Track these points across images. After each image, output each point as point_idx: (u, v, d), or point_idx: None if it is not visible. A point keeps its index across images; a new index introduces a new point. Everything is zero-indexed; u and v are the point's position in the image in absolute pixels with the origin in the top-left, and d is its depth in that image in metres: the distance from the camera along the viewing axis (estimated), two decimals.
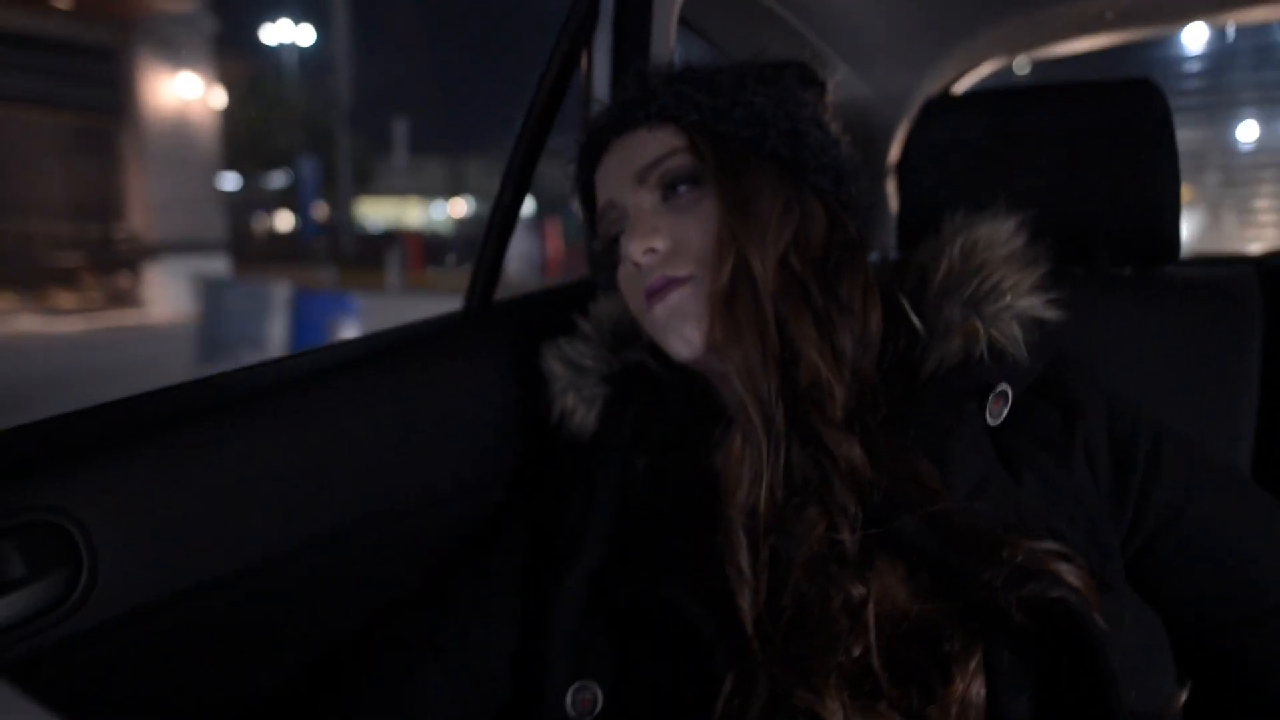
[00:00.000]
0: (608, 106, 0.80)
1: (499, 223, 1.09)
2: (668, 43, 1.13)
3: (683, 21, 1.19)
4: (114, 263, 11.35)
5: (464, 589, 0.80)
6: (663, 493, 0.74)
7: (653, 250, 0.73)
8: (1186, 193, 0.99)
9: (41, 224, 10.34)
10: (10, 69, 9.24)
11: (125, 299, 11.38)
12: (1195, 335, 0.98)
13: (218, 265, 11.88)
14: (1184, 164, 1.01)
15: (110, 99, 10.25)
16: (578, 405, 0.84)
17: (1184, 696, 0.65)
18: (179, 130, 11.25)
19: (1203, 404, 0.95)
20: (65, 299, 10.65)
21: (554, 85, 1.09)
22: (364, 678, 0.76)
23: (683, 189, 0.74)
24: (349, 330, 7.19)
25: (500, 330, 1.05)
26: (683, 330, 0.72)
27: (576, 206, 0.88)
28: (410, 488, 0.89)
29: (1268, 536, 0.71)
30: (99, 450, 0.68)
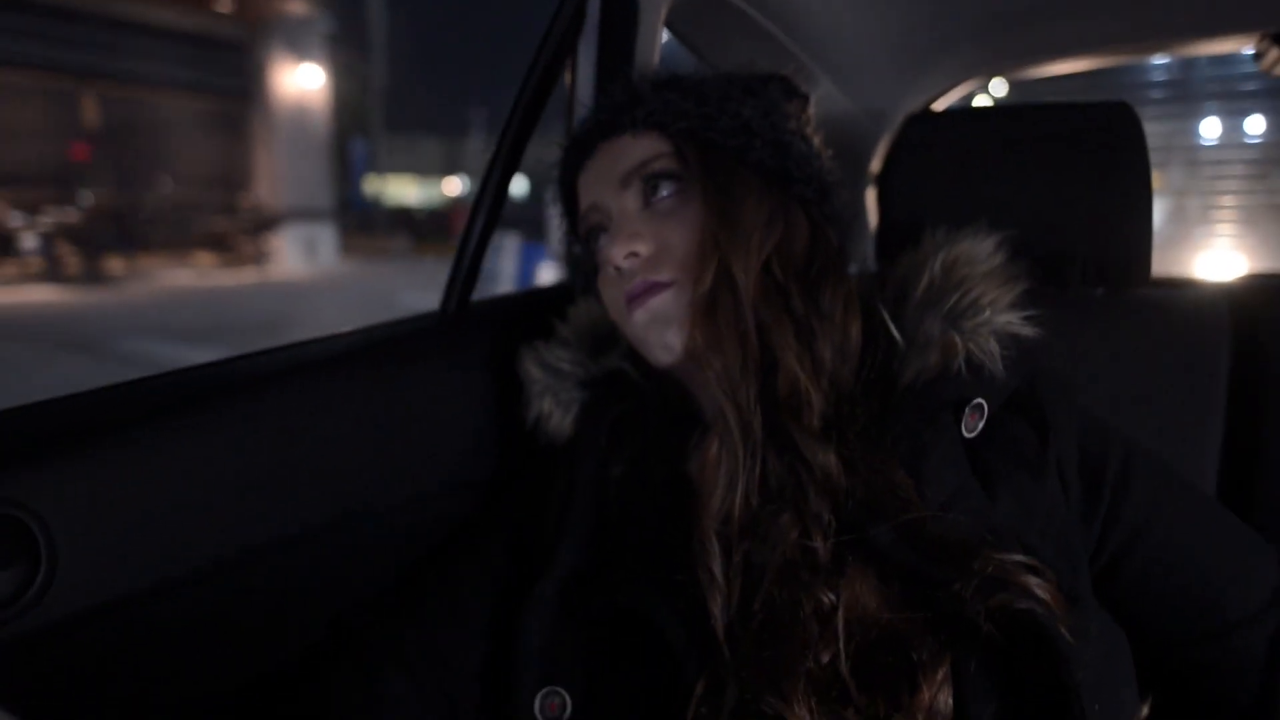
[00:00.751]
0: (594, 110, 0.80)
1: (478, 227, 1.09)
2: (652, 49, 1.14)
3: (668, 28, 1.20)
4: (245, 227, 13.34)
5: (435, 593, 0.79)
6: (638, 498, 0.74)
7: (635, 254, 0.73)
8: (1155, 180, 1.01)
9: (185, 193, 12.32)
10: (157, 59, 11.03)
11: (257, 258, 13.30)
12: (1165, 356, 1.00)
13: (327, 232, 14.10)
14: (1152, 157, 1.03)
15: (241, 86, 12.20)
16: (554, 409, 0.83)
17: (1146, 710, 0.66)
18: (297, 113, 13.26)
19: (1171, 423, 0.97)
20: (209, 258, 12.65)
21: (538, 89, 1.09)
22: (330, 682, 0.75)
23: (665, 194, 0.74)
24: (548, 273, 8.77)
25: (477, 332, 1.04)
26: (664, 336, 0.72)
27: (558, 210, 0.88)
28: (383, 489, 0.88)
29: (1232, 552, 0.72)
30: (61, 443, 0.66)
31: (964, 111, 1.19)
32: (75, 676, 0.67)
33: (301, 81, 12.92)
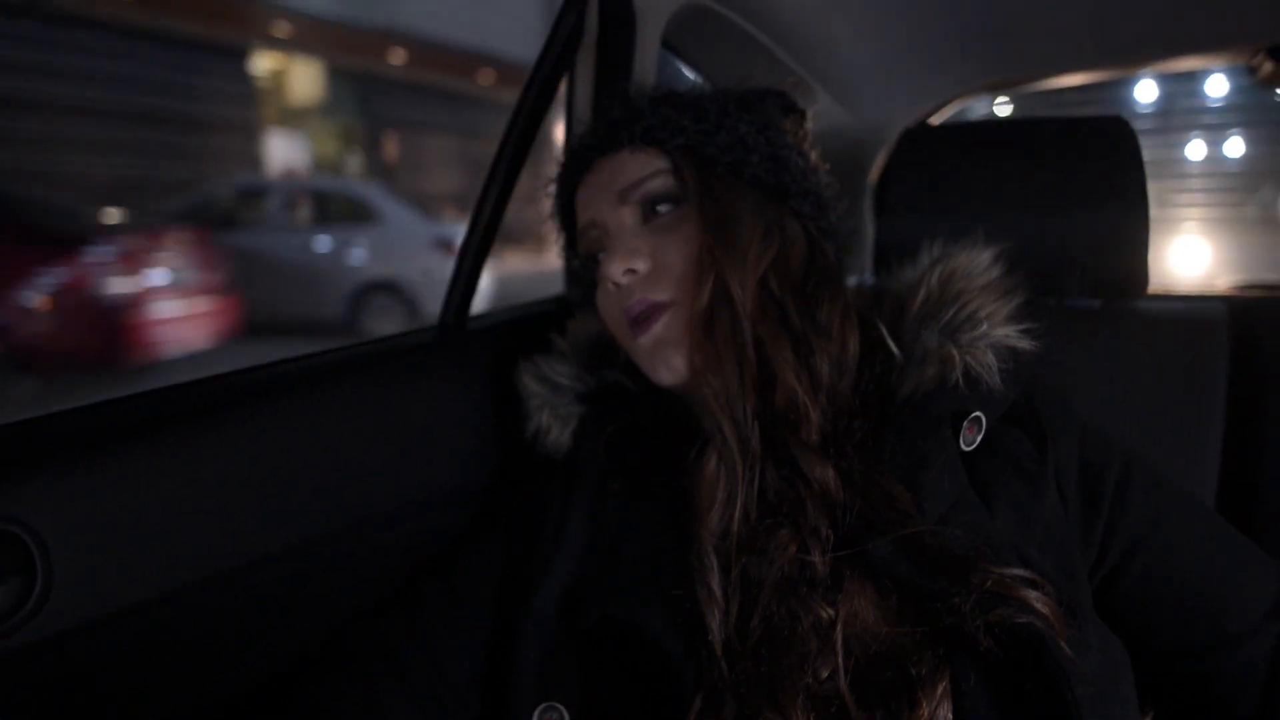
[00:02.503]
0: (592, 126, 0.80)
1: (476, 241, 1.09)
2: (650, 64, 1.14)
3: (665, 45, 1.20)
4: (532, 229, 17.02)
5: (432, 606, 0.79)
6: (636, 513, 0.74)
7: (633, 271, 0.73)
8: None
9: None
10: (451, 113, 14.99)
11: (543, 250, 16.87)
12: (1163, 368, 1.00)
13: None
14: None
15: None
16: (553, 423, 0.83)
17: None
18: (542, 145, 17.87)
19: (1169, 435, 0.97)
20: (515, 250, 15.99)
21: (535, 105, 1.10)
22: (326, 694, 0.74)
23: (663, 210, 0.75)
24: None
25: (476, 347, 1.04)
26: (669, 359, 0.72)
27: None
28: (381, 501, 0.87)
29: (1232, 564, 0.72)
30: (57, 456, 0.66)
31: (961, 126, 1.20)
32: (73, 690, 0.67)
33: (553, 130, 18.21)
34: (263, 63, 10.47)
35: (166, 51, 8.99)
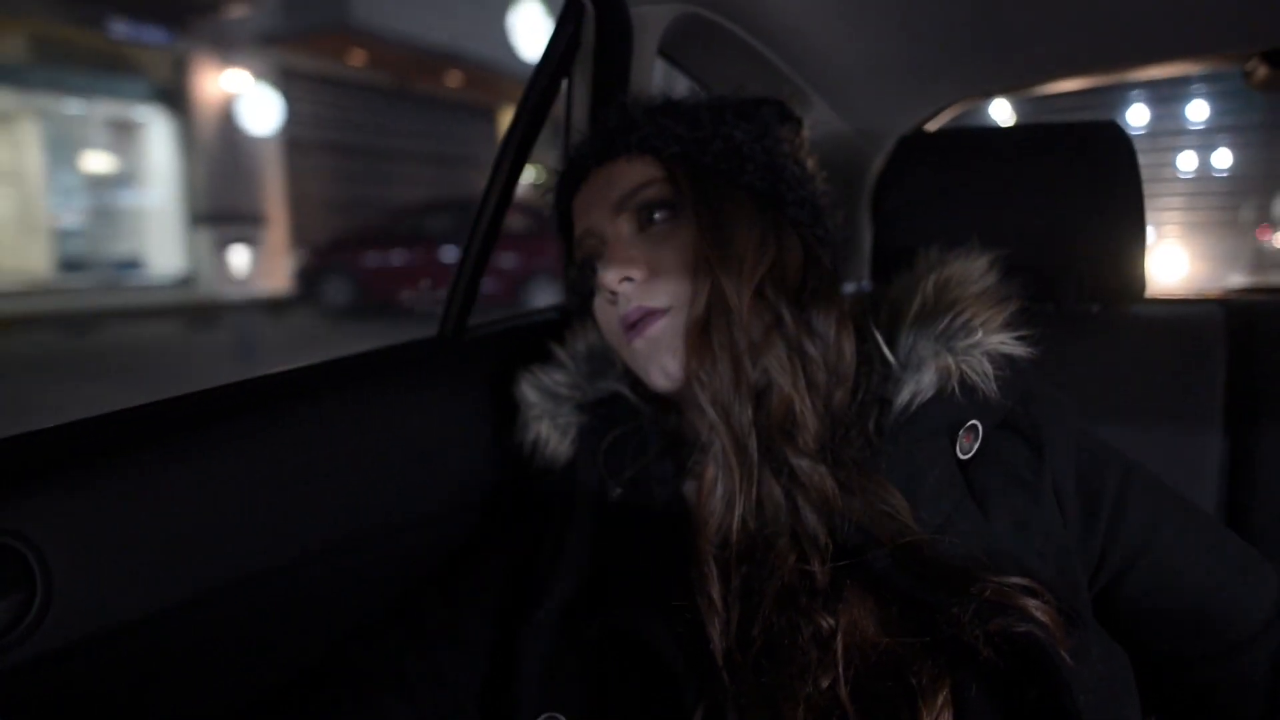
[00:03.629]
0: (588, 135, 0.81)
1: (475, 250, 1.09)
2: (647, 73, 1.15)
3: (662, 54, 1.21)
4: None
5: (433, 617, 0.78)
6: (636, 522, 0.74)
7: (629, 279, 0.73)
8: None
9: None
10: None
11: None
12: (1161, 372, 1.00)
13: None
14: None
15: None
16: (551, 433, 0.83)
17: None
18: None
19: (1169, 440, 0.97)
20: None
21: (534, 114, 1.10)
22: (328, 705, 0.74)
23: (660, 219, 0.75)
24: None
25: (475, 356, 1.04)
26: (663, 362, 0.72)
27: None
28: (381, 513, 0.87)
29: (1232, 571, 0.72)
30: (56, 470, 0.66)
31: (956, 132, 1.20)
32: (73, 705, 0.67)
33: None
34: (503, 117, 14.71)
35: (449, 112, 13.85)
